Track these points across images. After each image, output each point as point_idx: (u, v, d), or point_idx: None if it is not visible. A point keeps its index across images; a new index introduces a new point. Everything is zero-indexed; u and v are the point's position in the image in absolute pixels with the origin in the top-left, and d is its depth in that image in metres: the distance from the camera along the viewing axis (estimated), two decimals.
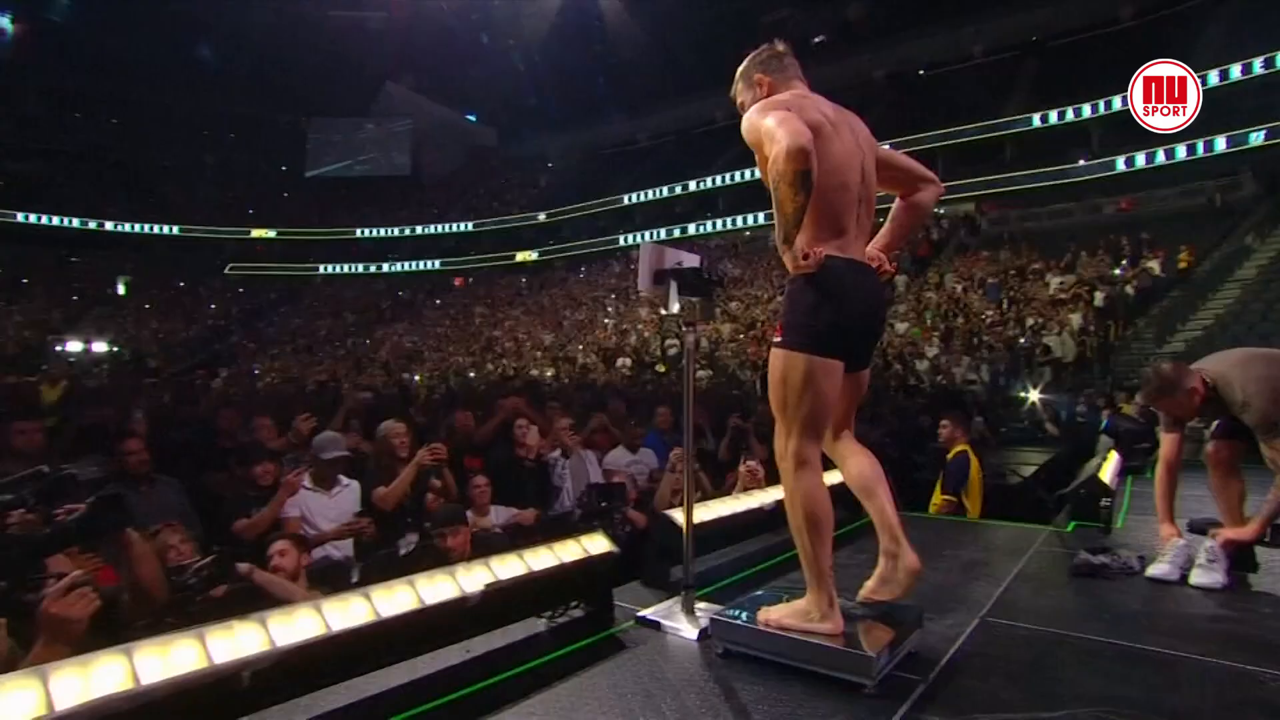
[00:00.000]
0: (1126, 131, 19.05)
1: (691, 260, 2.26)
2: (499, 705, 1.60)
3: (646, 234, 30.17)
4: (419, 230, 38.15)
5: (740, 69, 2.07)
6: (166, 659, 1.30)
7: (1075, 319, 12.79)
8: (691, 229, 28.32)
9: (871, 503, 1.95)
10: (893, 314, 16.65)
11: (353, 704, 1.59)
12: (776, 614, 1.87)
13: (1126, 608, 2.31)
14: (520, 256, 34.44)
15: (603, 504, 3.91)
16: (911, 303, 17.27)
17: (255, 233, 40.41)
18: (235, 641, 1.39)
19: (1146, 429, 5.63)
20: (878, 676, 1.67)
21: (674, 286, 2.22)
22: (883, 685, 1.67)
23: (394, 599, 1.63)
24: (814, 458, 1.84)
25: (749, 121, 1.84)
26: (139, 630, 1.96)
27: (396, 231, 38.88)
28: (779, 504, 3.07)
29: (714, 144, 30.21)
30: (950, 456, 4.30)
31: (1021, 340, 12.45)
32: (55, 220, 36.60)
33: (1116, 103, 19.98)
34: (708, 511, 2.72)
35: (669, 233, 29.44)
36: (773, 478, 3.68)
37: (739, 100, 2.08)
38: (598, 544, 2.19)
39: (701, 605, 2.18)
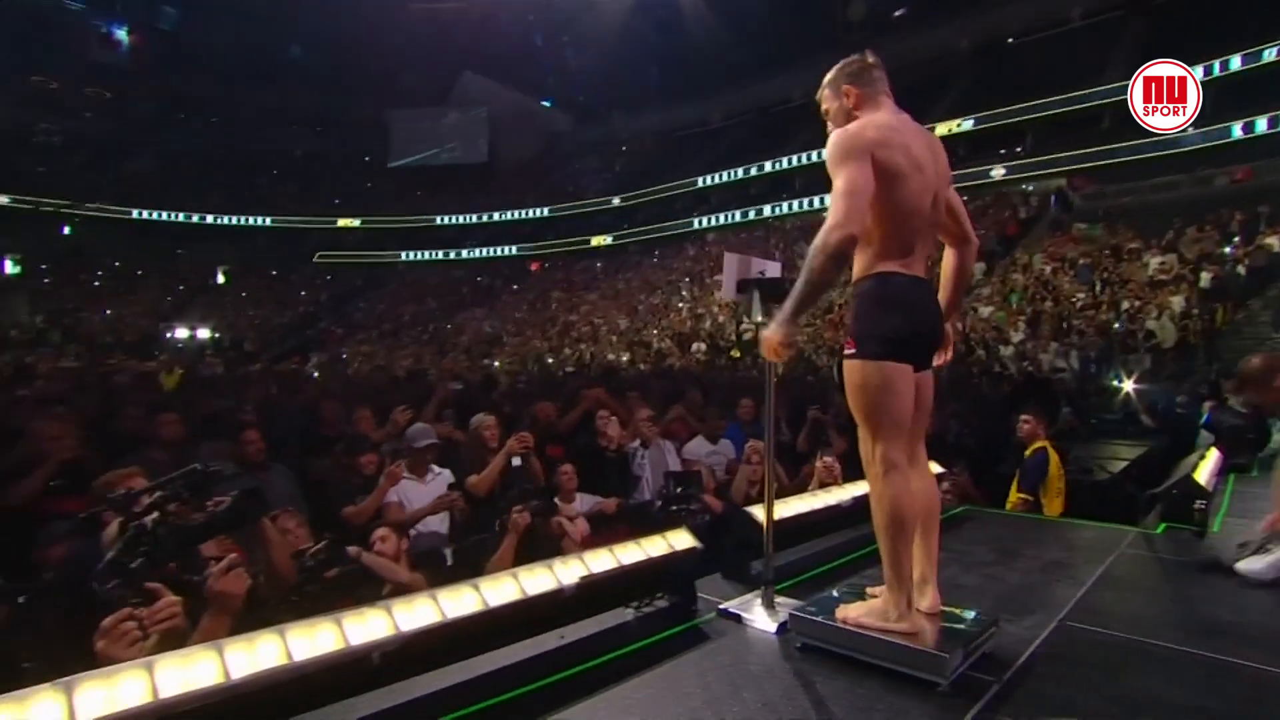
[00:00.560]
0: (1244, 94, 17.58)
1: (774, 270, 2.34)
2: (594, 689, 1.77)
3: (721, 216, 29.98)
4: (496, 217, 39.15)
5: (829, 76, 2.12)
6: (313, 640, 1.52)
7: (1176, 301, 11.99)
8: (767, 211, 27.96)
9: (929, 540, 2.01)
10: (976, 297, 16.03)
11: (460, 683, 1.78)
12: (855, 612, 1.97)
13: (1218, 617, 2.28)
14: (595, 241, 34.83)
15: (679, 489, 4.05)
16: (996, 285, 16.57)
17: (341, 222, 42.48)
18: (367, 626, 1.60)
19: (1253, 422, 5.32)
20: (951, 676, 1.75)
21: (757, 296, 2.31)
22: (956, 684, 1.74)
23: (500, 589, 1.82)
24: (901, 460, 1.92)
25: (833, 149, 1.90)
26: (274, 608, 2.24)
27: (474, 218, 40.03)
28: (856, 500, 3.14)
29: (789, 123, 29.60)
30: (1029, 453, 4.22)
31: (1115, 325, 11.79)
32: (164, 215, 39.53)
33: (1236, 61, 18.43)
34: (787, 508, 2.82)
35: (743, 215, 29.15)
36: (849, 473, 3.75)
37: (824, 106, 2.14)
38: (682, 539, 2.33)
39: (780, 599, 2.29)
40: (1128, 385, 8.15)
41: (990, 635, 1.96)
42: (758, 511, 2.58)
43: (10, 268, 33.56)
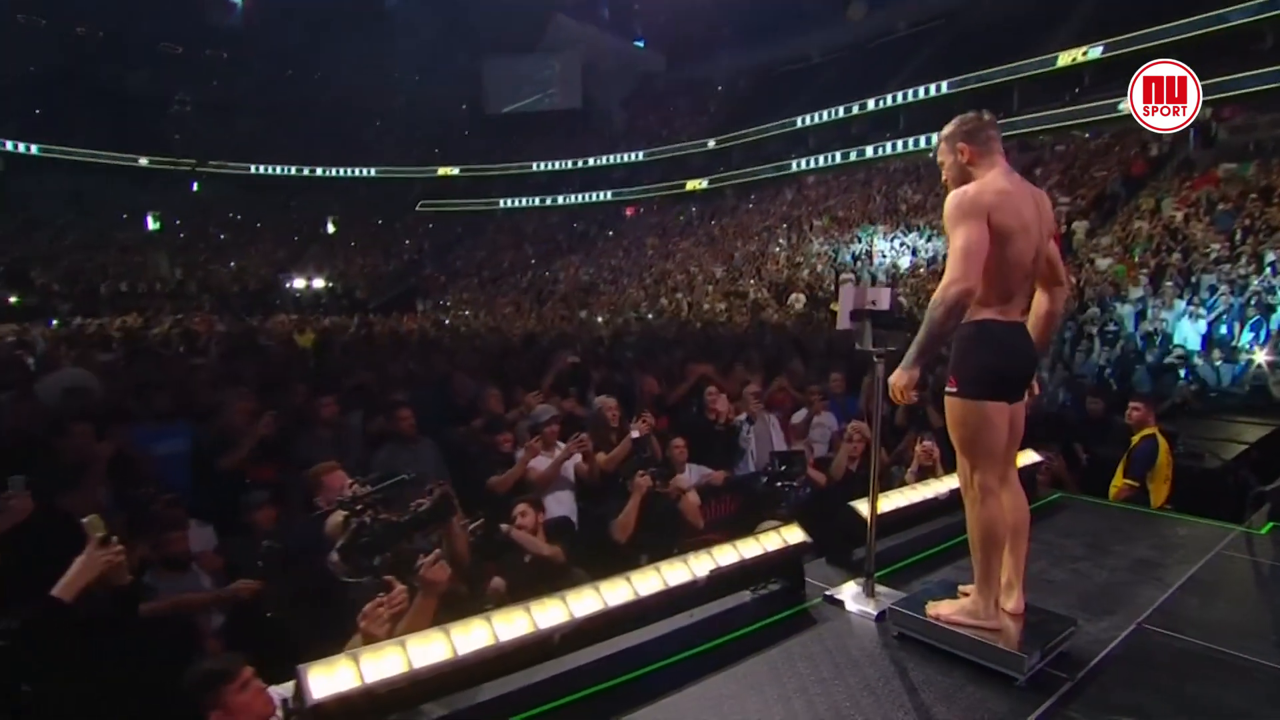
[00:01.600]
0: None
1: (884, 301, 2.58)
2: (722, 665, 2.20)
3: (820, 158, 28.95)
4: (590, 162, 39.39)
5: (945, 131, 2.30)
6: (511, 625, 1.99)
7: None
8: (869, 151, 26.79)
9: (1017, 551, 2.26)
10: (1093, 246, 15.07)
11: (613, 655, 2.22)
12: (945, 609, 2.30)
13: None
14: (690, 185, 34.52)
15: (783, 468, 4.42)
16: (1117, 233, 15.43)
17: (441, 171, 43.97)
18: (547, 613, 2.06)
19: None
20: (1027, 672, 2.05)
21: (869, 325, 2.57)
22: (1032, 680, 2.05)
23: (646, 581, 2.26)
24: (995, 486, 2.19)
25: (952, 209, 2.13)
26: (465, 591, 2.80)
27: (569, 164, 40.42)
28: (953, 492, 3.39)
29: (893, 58, 27.94)
30: (1137, 440, 4.26)
31: (1254, 281, 10.85)
32: (277, 170, 42.23)
33: None
34: (888, 502, 3.11)
35: (844, 156, 28.06)
36: (948, 460, 3.96)
37: (940, 159, 2.34)
38: (794, 535, 2.70)
39: (881, 589, 2.64)
40: (1260, 355, 7.61)
41: (1068, 636, 2.23)
42: (861, 506, 2.90)
43: (152, 224, 36.91)
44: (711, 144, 34.08)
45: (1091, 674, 2.11)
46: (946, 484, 3.39)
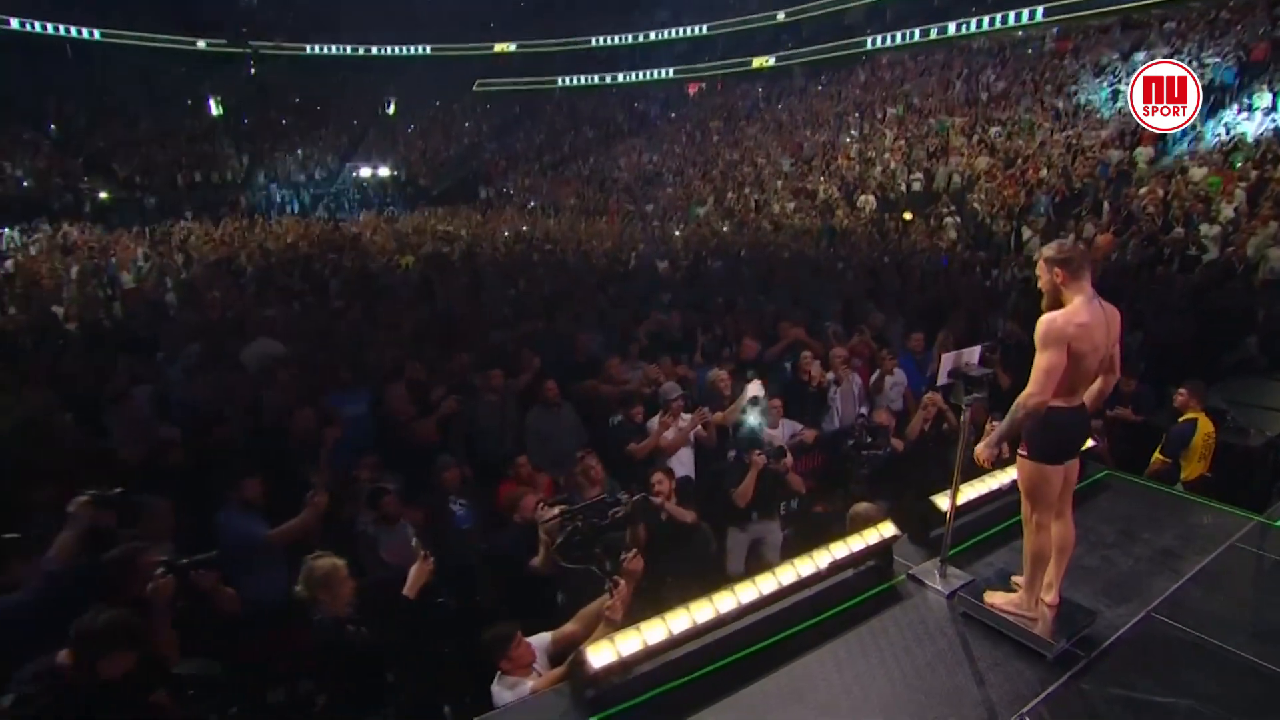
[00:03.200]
0: None
1: (977, 369, 3.26)
2: (835, 634, 3.13)
3: (897, 35, 27.25)
4: (652, 36, 37.76)
5: (1047, 253, 2.86)
6: (701, 611, 2.94)
7: None
8: (951, 29, 25.07)
9: (1060, 563, 3.05)
10: (1190, 154, 14.40)
11: (759, 622, 3.18)
12: (999, 600, 3.17)
13: None
14: (756, 63, 33.09)
15: (870, 439, 5.24)
16: (1221, 136, 14.53)
17: (498, 47, 42.84)
18: (724, 601, 3.00)
19: None
20: (1055, 652, 2.92)
21: (962, 385, 3.27)
22: (1058, 657, 2.92)
23: (786, 573, 3.18)
24: (1048, 522, 2.98)
25: (1042, 333, 2.74)
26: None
27: (629, 38, 38.82)
28: (1014, 481, 4.14)
29: None
30: (1180, 421, 4.89)
31: None
32: (332, 49, 41.77)
33: None
34: (961, 496, 3.91)
35: (924, 34, 26.33)
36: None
37: (1038, 273, 2.92)
38: (888, 529, 3.56)
39: (952, 570, 3.51)
40: None
41: (1090, 623, 3.09)
42: (941, 501, 3.73)
43: (215, 109, 37.52)
44: (781, 16, 32.22)
45: (1103, 654, 2.96)
46: (1010, 474, 4.13)
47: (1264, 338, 6.89)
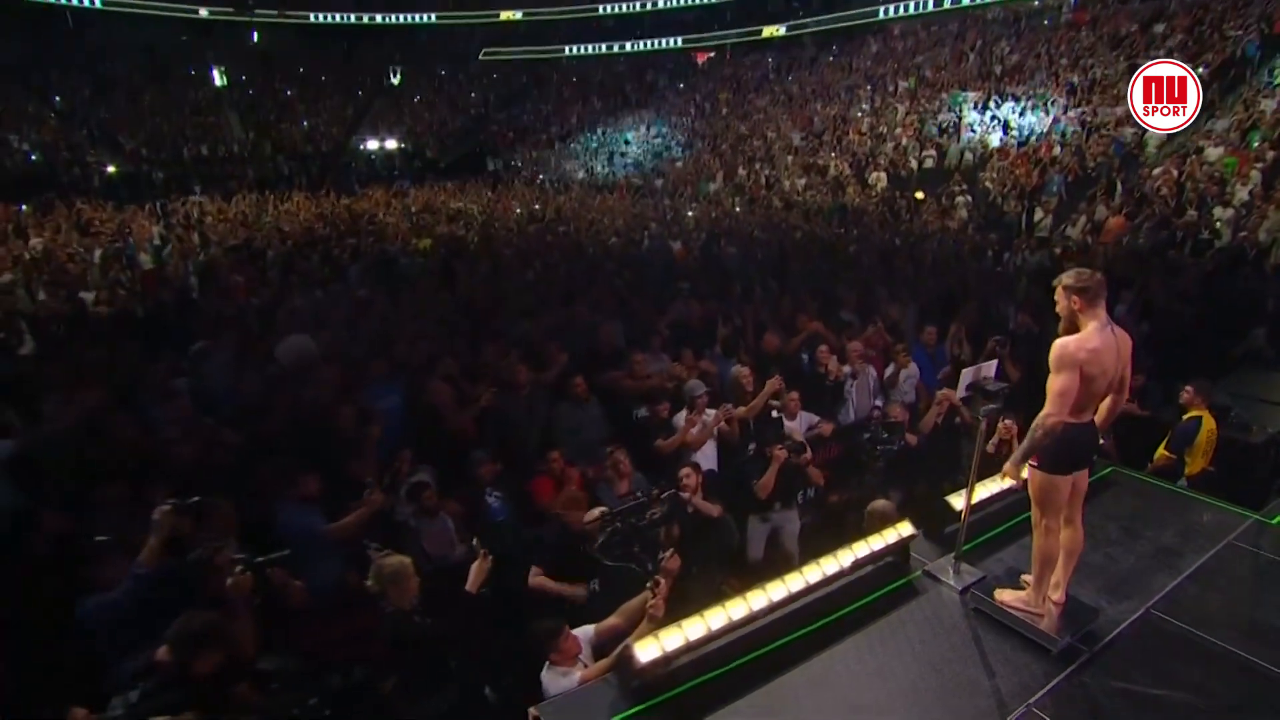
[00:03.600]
0: None
1: (994, 383, 3.47)
2: (849, 632, 3.37)
3: (910, 3, 26.82)
4: (660, 4, 37.19)
5: (1066, 281, 3.03)
6: (736, 609, 3.19)
7: None
8: None
9: (1067, 564, 3.28)
10: (1205, 133, 14.30)
11: (788, 616, 3.44)
12: (1009, 597, 3.41)
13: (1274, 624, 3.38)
14: (767, 32, 32.65)
15: (885, 435, 5.46)
16: (1239, 113, 14.36)
17: (504, 15, 42.22)
18: (757, 600, 3.26)
19: None
20: (1060, 645, 3.17)
21: (979, 397, 3.48)
22: (1063, 651, 3.16)
23: (814, 573, 3.43)
24: (1056, 527, 3.21)
25: (1056, 357, 2.94)
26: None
27: (637, 5, 38.25)
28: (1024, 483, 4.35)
29: None
30: (1184, 418, 5.09)
31: None
32: (336, 17, 41.22)
33: None
34: (974, 496, 4.14)
35: (938, 2, 25.92)
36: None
37: (1057, 300, 3.08)
38: (906, 529, 3.80)
39: (965, 567, 3.75)
40: None
41: (1093, 619, 3.33)
42: (955, 501, 3.97)
43: (218, 79, 37.12)
44: None
45: (1104, 649, 3.21)
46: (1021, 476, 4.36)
47: (1272, 329, 7.00)
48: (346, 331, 6.78)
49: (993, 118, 18.63)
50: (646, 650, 2.91)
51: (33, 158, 30.07)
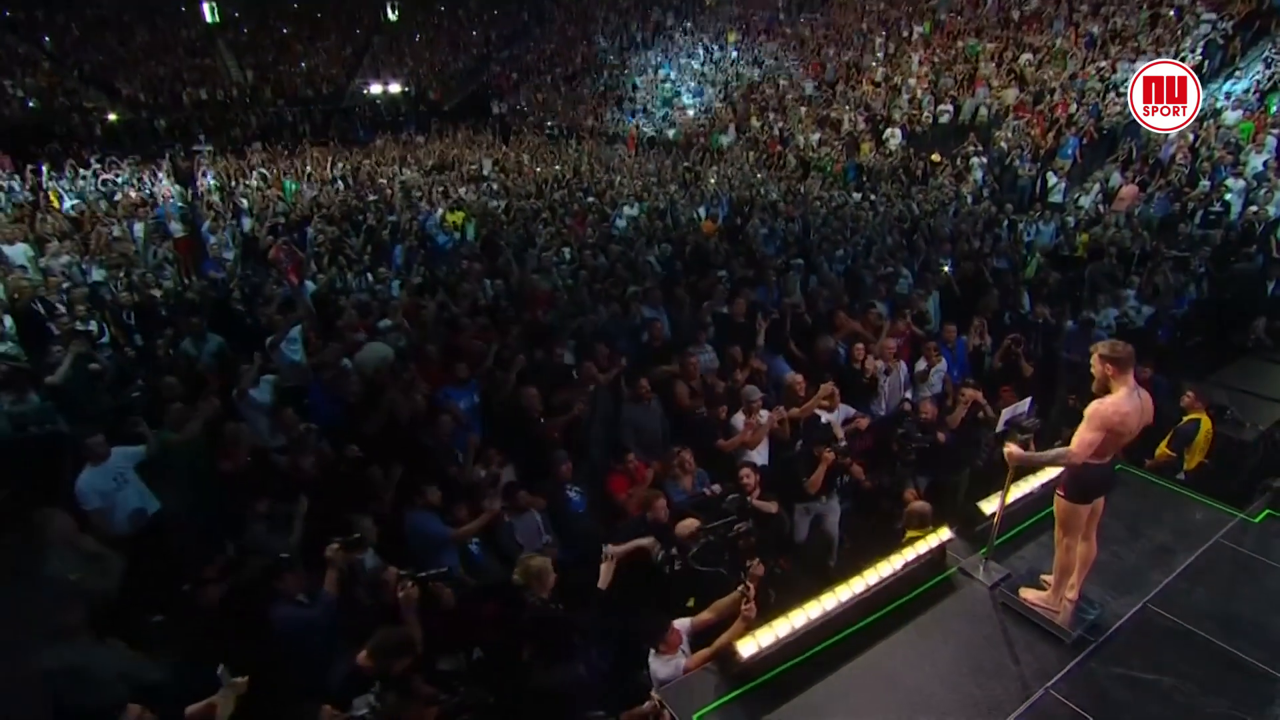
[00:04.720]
0: None
1: (1026, 420, 4.09)
2: (891, 630, 4.10)
3: None
4: None
5: (1102, 350, 3.58)
6: (814, 609, 3.92)
7: None
8: None
9: (1082, 571, 3.99)
10: (1222, 94, 14.38)
11: (845, 611, 4.17)
12: (1031, 595, 4.15)
13: (1252, 617, 4.06)
14: None
15: (919, 433, 6.12)
16: (1260, 75, 14.29)
17: None
18: (827, 601, 3.98)
19: None
20: (1072, 637, 3.91)
21: (1017, 431, 4.11)
22: (1075, 642, 3.90)
23: (870, 577, 4.14)
24: (1075, 545, 3.90)
25: (1091, 415, 3.54)
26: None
27: None
28: (1044, 486, 4.99)
29: None
30: (1185, 420, 5.74)
31: None
32: None
33: None
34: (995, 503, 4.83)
35: None
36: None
37: (1094, 364, 3.65)
38: (944, 534, 4.50)
39: (993, 564, 4.47)
40: None
41: (1101, 613, 4.07)
42: (985, 506, 4.67)
43: (209, 15, 35.79)
44: None
45: (1108, 640, 3.95)
46: (1040, 479, 5.00)
47: (1271, 319, 7.38)
48: (417, 331, 7.27)
49: (1009, 73, 18.46)
50: (747, 647, 3.65)
51: (30, 104, 29.71)
